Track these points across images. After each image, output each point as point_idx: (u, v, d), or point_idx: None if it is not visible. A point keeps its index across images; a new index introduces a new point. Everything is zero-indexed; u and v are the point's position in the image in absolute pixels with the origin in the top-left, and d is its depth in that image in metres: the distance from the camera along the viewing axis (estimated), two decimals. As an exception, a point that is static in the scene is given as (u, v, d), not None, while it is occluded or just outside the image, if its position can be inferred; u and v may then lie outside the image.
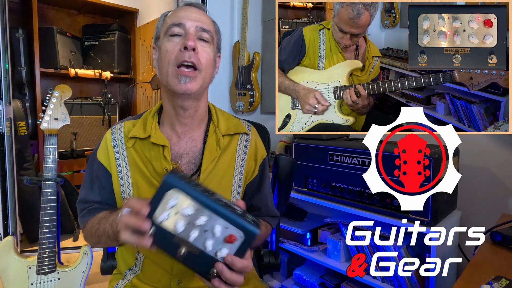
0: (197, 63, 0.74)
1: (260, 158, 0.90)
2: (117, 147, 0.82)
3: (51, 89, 1.36)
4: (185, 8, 0.79)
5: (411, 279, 1.24)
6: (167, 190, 0.56)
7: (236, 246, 0.58)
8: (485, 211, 1.44)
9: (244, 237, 0.57)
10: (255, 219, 0.60)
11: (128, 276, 0.84)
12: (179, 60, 0.74)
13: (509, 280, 0.71)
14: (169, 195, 0.56)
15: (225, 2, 2.39)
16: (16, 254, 1.34)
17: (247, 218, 0.58)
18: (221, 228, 0.57)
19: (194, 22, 0.76)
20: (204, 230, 0.57)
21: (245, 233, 0.57)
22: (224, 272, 0.57)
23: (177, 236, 0.57)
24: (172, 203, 0.56)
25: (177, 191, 0.56)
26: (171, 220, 0.57)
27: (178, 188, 0.56)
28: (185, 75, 0.74)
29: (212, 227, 0.57)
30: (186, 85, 0.74)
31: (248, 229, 0.57)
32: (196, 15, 0.78)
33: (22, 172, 2.21)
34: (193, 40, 0.74)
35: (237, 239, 0.57)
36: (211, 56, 0.78)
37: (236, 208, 0.59)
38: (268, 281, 1.77)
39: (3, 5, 1.91)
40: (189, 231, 0.57)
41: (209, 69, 0.79)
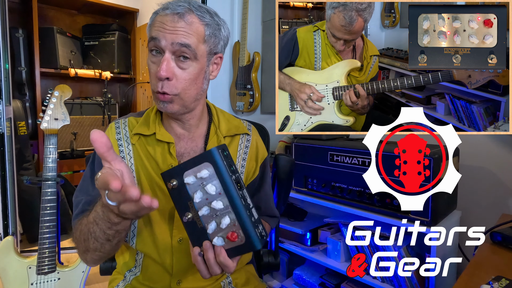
0: (170, 91, 0.72)
1: (261, 159, 0.90)
2: (121, 140, 0.81)
3: (51, 89, 1.36)
4: (163, 15, 0.70)
5: (411, 279, 1.24)
6: (206, 161, 0.57)
7: (232, 245, 0.58)
8: (485, 211, 1.44)
9: (244, 243, 0.57)
10: (265, 233, 0.60)
11: (128, 277, 0.84)
12: (155, 88, 0.73)
13: (509, 280, 0.71)
14: (205, 165, 0.57)
15: (225, 2, 2.39)
16: (16, 254, 1.34)
17: (258, 228, 0.58)
18: (229, 222, 0.57)
19: (170, 35, 0.68)
20: (215, 214, 0.58)
21: (247, 240, 0.57)
22: (208, 253, 0.58)
23: (191, 202, 0.58)
24: (203, 174, 0.57)
25: (212, 167, 0.57)
26: (194, 186, 0.58)
27: (214, 164, 0.56)
28: (162, 100, 0.73)
29: (223, 216, 0.58)
30: (167, 108, 0.74)
31: (251, 238, 0.57)
32: (173, 26, 0.69)
33: (22, 172, 2.21)
34: (164, 69, 0.69)
35: (236, 240, 0.57)
36: (192, 75, 0.73)
37: (254, 214, 0.60)
38: (268, 281, 1.77)
39: (3, 5, 1.91)
40: (203, 205, 0.58)
41: (190, 88, 0.74)
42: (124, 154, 0.80)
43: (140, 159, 0.80)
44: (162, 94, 0.72)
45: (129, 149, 0.81)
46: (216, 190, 0.57)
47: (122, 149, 0.81)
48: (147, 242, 0.78)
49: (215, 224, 0.58)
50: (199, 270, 0.61)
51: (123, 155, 0.80)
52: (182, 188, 0.58)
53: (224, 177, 0.56)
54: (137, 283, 0.82)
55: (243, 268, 0.90)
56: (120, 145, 0.81)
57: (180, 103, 0.75)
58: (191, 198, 0.58)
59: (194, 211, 0.58)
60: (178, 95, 0.73)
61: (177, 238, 0.77)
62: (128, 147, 0.81)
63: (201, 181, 0.57)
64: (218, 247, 0.58)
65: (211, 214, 0.58)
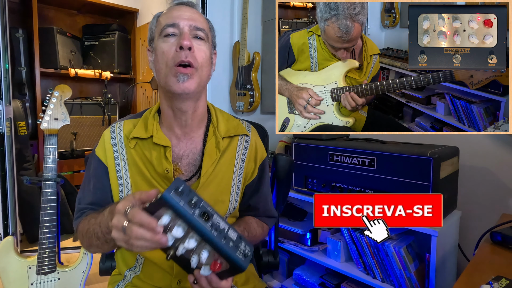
0: (193, 61, 0.74)
1: (260, 159, 0.90)
2: (116, 145, 0.82)
3: (51, 89, 1.36)
4: (177, 8, 0.78)
5: (411, 279, 1.24)
6: (163, 206, 0.53)
7: (218, 271, 0.58)
8: (485, 211, 1.44)
9: (229, 268, 0.57)
10: (248, 248, 0.59)
11: (128, 276, 0.84)
12: (176, 61, 0.73)
13: (509, 280, 0.71)
14: (163, 210, 0.54)
15: (225, 2, 2.39)
16: (16, 254, 1.34)
17: (240, 249, 0.57)
18: (207, 255, 0.57)
19: (187, 21, 0.76)
20: (192, 251, 0.57)
21: (231, 266, 0.57)
22: (201, 281, 0.59)
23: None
24: (165, 219, 0.54)
25: (170, 210, 0.54)
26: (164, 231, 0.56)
27: (172, 207, 0.53)
28: (183, 73, 0.73)
29: (200, 251, 0.57)
30: (185, 83, 0.73)
31: (236, 263, 0.56)
32: (189, 14, 0.77)
33: (22, 172, 2.21)
34: (188, 39, 0.73)
35: (221, 268, 0.57)
36: (207, 54, 0.78)
37: (231, 235, 0.58)
38: (268, 281, 1.77)
39: (3, 5, 1.91)
40: (178, 246, 0.56)
41: (206, 67, 0.78)
42: (119, 160, 0.81)
43: (135, 164, 0.80)
44: (185, 66, 0.73)
45: (123, 154, 0.81)
46: (183, 230, 0.55)
47: (117, 155, 0.81)
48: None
49: (196, 258, 0.57)
50: None
51: (118, 161, 0.80)
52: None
53: (186, 217, 0.53)
54: (137, 281, 0.82)
55: (243, 268, 0.90)
56: (115, 151, 0.81)
57: (197, 80, 0.76)
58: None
59: (172, 249, 0.57)
60: (197, 69, 0.75)
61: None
62: (123, 153, 0.81)
63: (166, 226, 0.55)
64: (208, 276, 0.58)
65: (189, 251, 0.57)
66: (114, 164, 0.80)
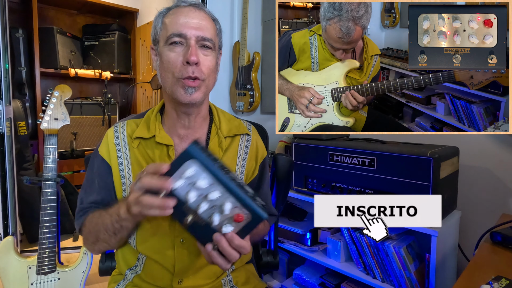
0: (200, 75, 0.74)
1: (261, 158, 0.91)
2: (119, 145, 0.82)
3: (51, 89, 1.36)
4: (185, 12, 0.76)
5: (411, 279, 1.24)
6: (187, 160, 0.57)
7: (240, 226, 0.59)
8: (485, 211, 1.44)
9: (251, 219, 0.59)
10: (264, 203, 0.61)
11: (129, 275, 0.84)
12: (183, 75, 0.73)
13: (509, 280, 0.71)
14: (187, 164, 0.57)
15: (225, 2, 2.39)
16: (16, 254, 1.34)
17: (257, 201, 0.60)
18: (230, 206, 0.58)
19: (195, 31, 0.74)
20: (214, 205, 0.59)
21: (252, 215, 0.59)
22: (222, 243, 0.59)
23: (186, 205, 0.59)
24: (189, 173, 0.57)
25: (196, 163, 0.57)
26: (185, 189, 0.58)
27: (198, 160, 0.57)
28: (191, 86, 0.74)
29: (222, 203, 0.59)
30: (192, 95, 0.74)
31: (256, 212, 0.58)
32: (197, 22, 0.75)
33: (22, 172, 2.21)
34: (195, 54, 0.73)
35: (243, 220, 0.59)
36: (213, 62, 0.78)
37: (248, 190, 0.60)
38: (268, 281, 1.77)
39: (3, 5, 1.91)
40: (200, 203, 0.59)
41: (212, 75, 0.79)
42: (122, 160, 0.81)
43: (138, 163, 0.80)
44: (193, 79, 0.74)
45: (126, 154, 0.82)
46: (208, 182, 0.58)
47: (120, 155, 0.81)
48: (149, 245, 0.79)
49: (218, 215, 0.59)
50: (218, 264, 0.61)
51: (121, 161, 0.81)
52: (172, 196, 0.59)
53: (211, 168, 0.57)
54: (138, 280, 0.82)
55: (243, 267, 0.91)
56: (118, 150, 0.82)
57: (203, 91, 0.77)
58: (184, 201, 0.59)
59: (192, 211, 0.59)
60: (204, 81, 0.76)
61: (179, 239, 0.78)
62: (126, 152, 0.82)
63: (190, 180, 0.58)
64: (229, 234, 0.59)
65: (211, 206, 0.59)
66: (118, 163, 0.81)
